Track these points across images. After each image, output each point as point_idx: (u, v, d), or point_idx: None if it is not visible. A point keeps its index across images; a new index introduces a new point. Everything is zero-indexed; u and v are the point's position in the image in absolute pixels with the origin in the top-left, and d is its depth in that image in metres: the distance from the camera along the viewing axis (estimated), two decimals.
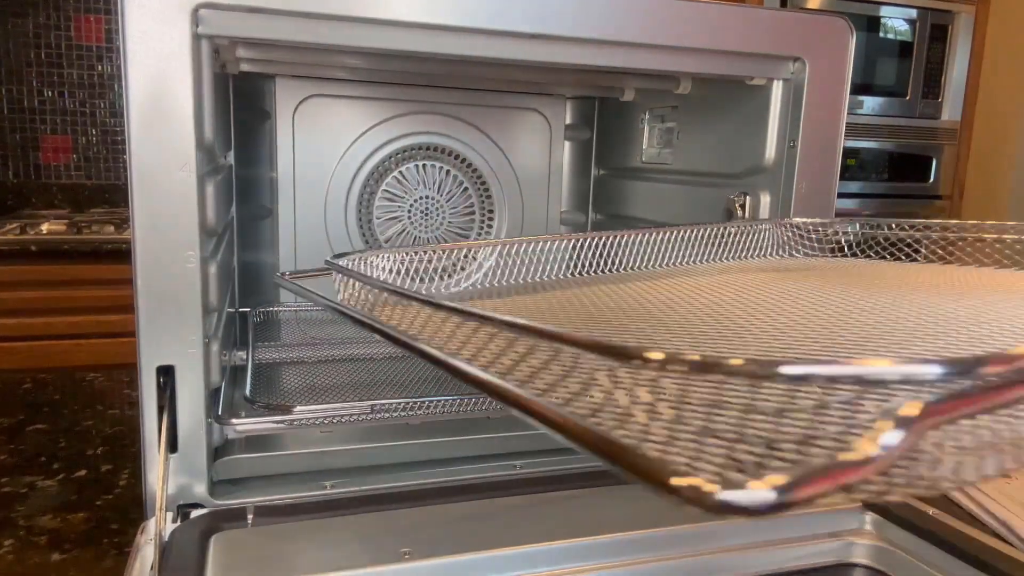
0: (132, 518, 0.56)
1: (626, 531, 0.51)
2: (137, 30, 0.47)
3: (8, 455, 0.68)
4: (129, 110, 0.47)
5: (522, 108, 0.93)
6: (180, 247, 0.49)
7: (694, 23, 0.58)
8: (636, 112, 0.90)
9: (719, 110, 0.75)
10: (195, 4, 0.48)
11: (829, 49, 0.63)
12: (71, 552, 0.52)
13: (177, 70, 0.48)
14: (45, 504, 0.59)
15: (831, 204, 0.65)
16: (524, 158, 0.94)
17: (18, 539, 0.53)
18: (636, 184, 0.91)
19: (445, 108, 0.89)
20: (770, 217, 0.67)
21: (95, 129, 2.18)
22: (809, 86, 0.63)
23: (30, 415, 0.77)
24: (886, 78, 2.23)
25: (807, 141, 0.64)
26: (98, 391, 0.86)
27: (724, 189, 0.72)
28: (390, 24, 0.52)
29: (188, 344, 0.50)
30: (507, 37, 0.55)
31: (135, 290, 0.49)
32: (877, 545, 0.55)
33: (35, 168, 2.15)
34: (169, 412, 0.51)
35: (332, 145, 0.86)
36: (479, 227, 0.94)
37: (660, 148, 0.86)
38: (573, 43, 0.57)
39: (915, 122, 2.28)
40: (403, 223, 0.90)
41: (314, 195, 0.86)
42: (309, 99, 0.84)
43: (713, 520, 0.53)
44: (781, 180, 0.65)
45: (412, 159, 0.89)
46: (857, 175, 2.24)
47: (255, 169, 0.86)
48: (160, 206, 0.49)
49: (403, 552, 0.48)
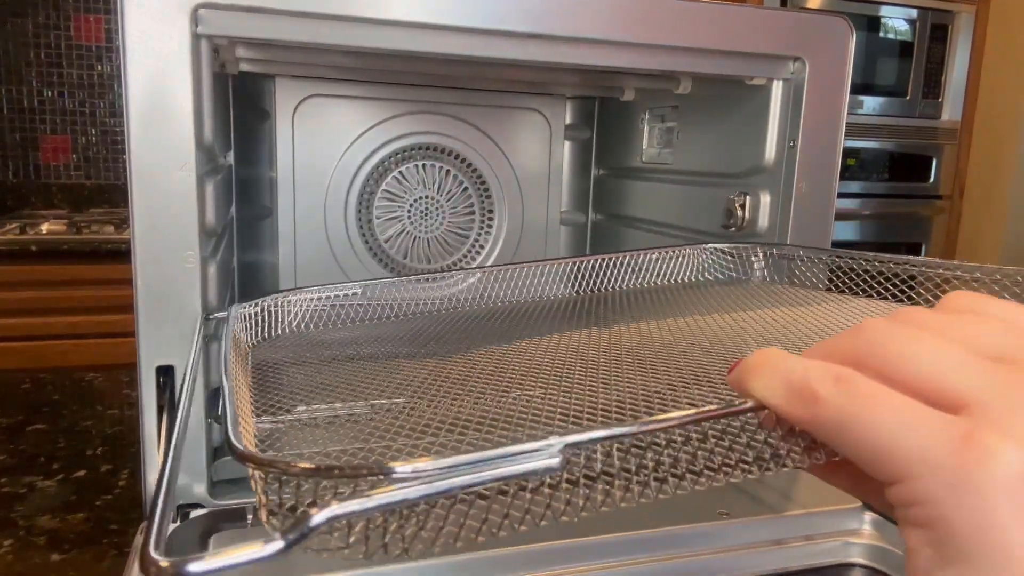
0: (132, 518, 0.56)
1: (626, 531, 0.51)
2: (137, 30, 0.47)
3: (8, 455, 0.67)
4: (129, 110, 0.47)
5: (522, 108, 0.93)
6: (180, 247, 0.49)
7: (694, 23, 0.58)
8: (636, 112, 0.90)
9: (719, 110, 0.75)
10: (195, 4, 0.48)
11: (829, 49, 0.63)
12: (71, 552, 0.52)
13: (176, 70, 0.48)
14: (44, 504, 0.59)
15: (831, 204, 0.65)
16: (524, 158, 0.94)
17: (17, 539, 0.53)
18: (636, 184, 0.91)
19: (445, 108, 0.89)
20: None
21: (95, 129, 2.18)
22: (809, 86, 0.63)
23: (30, 415, 0.77)
24: (886, 78, 2.23)
25: (807, 141, 0.64)
26: (98, 391, 0.86)
27: (724, 189, 0.72)
28: (390, 24, 0.52)
29: (188, 344, 0.50)
30: (507, 37, 0.55)
31: (135, 290, 0.49)
32: (877, 545, 0.55)
33: (35, 168, 2.15)
34: (169, 412, 0.51)
35: (332, 145, 0.86)
36: (479, 227, 0.94)
37: (660, 148, 0.86)
38: (573, 43, 0.57)
39: (915, 122, 2.28)
40: (403, 223, 0.90)
41: (314, 195, 0.86)
42: (309, 99, 0.84)
43: (713, 520, 0.53)
44: (781, 180, 0.65)
45: (412, 159, 0.89)
46: (857, 175, 2.24)
47: (255, 169, 0.86)
48: (160, 206, 0.49)
49: None
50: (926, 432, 0.19)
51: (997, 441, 0.18)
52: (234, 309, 0.51)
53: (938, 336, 0.21)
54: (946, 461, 0.19)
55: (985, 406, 0.19)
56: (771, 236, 0.67)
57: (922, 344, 0.21)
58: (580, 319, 0.55)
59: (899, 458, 0.19)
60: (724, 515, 0.54)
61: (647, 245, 0.88)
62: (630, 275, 0.63)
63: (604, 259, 0.62)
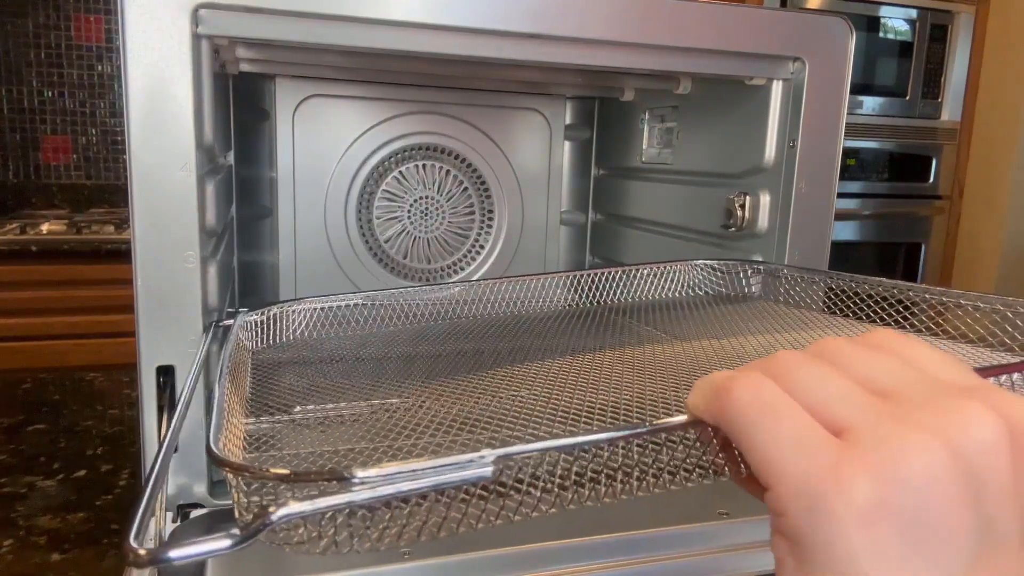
0: None
1: (626, 531, 0.51)
2: (137, 30, 0.47)
3: (8, 455, 0.68)
4: (129, 110, 0.47)
5: (522, 108, 0.93)
6: (180, 247, 0.49)
7: (694, 23, 0.58)
8: (636, 112, 0.90)
9: (719, 110, 0.75)
10: (195, 4, 0.48)
11: (829, 49, 0.63)
12: (71, 552, 0.52)
13: (177, 70, 0.48)
14: (45, 504, 0.59)
15: (831, 204, 0.65)
16: (524, 158, 0.94)
17: (18, 539, 0.53)
18: (636, 184, 0.91)
19: (445, 108, 0.89)
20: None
21: (95, 129, 2.18)
22: (809, 86, 0.63)
23: (30, 415, 0.77)
24: (886, 78, 2.23)
25: (807, 141, 0.64)
26: (98, 391, 0.86)
27: (724, 189, 0.72)
28: (389, 24, 0.52)
29: (188, 344, 0.50)
30: (507, 37, 0.55)
31: (135, 290, 0.49)
32: None
33: (35, 168, 2.15)
34: (168, 412, 0.51)
35: (332, 145, 0.86)
36: (479, 227, 0.94)
37: (660, 148, 0.86)
38: (573, 43, 0.57)
39: (915, 122, 2.28)
40: (403, 223, 0.90)
41: (314, 195, 0.86)
42: (309, 99, 0.84)
43: (713, 520, 0.53)
44: (781, 180, 0.65)
45: (412, 159, 0.89)
46: (857, 175, 2.24)
47: (255, 169, 0.86)
48: (160, 206, 0.49)
49: (403, 552, 0.48)
50: (804, 450, 0.21)
51: (856, 473, 0.20)
52: (240, 318, 0.52)
53: (838, 369, 0.23)
54: (811, 482, 0.20)
55: (858, 436, 0.21)
56: (771, 236, 0.67)
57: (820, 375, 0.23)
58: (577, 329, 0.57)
59: (776, 468, 0.21)
60: (724, 515, 0.54)
61: (647, 245, 0.88)
62: (624, 289, 0.65)
63: (599, 273, 0.65)
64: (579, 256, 1.02)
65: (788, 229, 0.65)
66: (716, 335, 0.50)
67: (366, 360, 0.52)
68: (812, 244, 0.65)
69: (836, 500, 0.20)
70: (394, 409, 0.39)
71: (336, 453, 0.34)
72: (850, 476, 0.20)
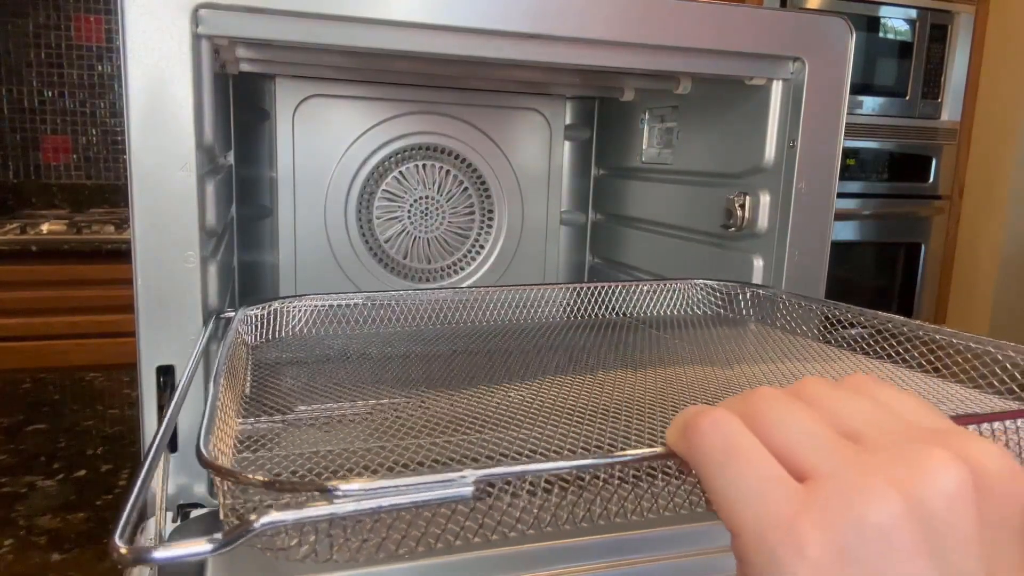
0: None
1: (626, 531, 0.51)
2: (137, 30, 0.47)
3: (8, 455, 0.68)
4: (129, 110, 0.47)
5: (522, 108, 0.93)
6: (180, 247, 0.49)
7: (694, 23, 0.58)
8: (636, 112, 0.90)
9: (719, 110, 0.75)
10: (195, 4, 0.48)
11: (829, 49, 0.63)
12: (71, 552, 0.52)
13: (177, 70, 0.48)
14: (45, 504, 0.59)
15: (831, 204, 0.65)
16: (524, 158, 0.94)
17: (18, 539, 0.53)
18: (636, 184, 0.91)
19: (445, 108, 0.89)
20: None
21: (95, 129, 2.18)
22: (809, 86, 0.63)
23: (30, 415, 0.78)
24: (886, 78, 2.23)
25: (807, 141, 0.64)
26: (98, 391, 0.86)
27: (724, 189, 0.72)
28: (389, 24, 0.52)
29: (188, 344, 0.50)
30: (507, 37, 0.55)
31: (135, 290, 0.49)
32: None
33: (35, 168, 2.15)
34: None
35: (332, 145, 0.86)
36: (479, 227, 0.94)
37: (660, 148, 0.86)
38: (573, 43, 0.57)
39: (915, 122, 2.28)
40: (403, 223, 0.90)
41: (314, 195, 0.86)
42: (309, 99, 0.84)
43: (713, 520, 0.53)
44: (781, 180, 0.66)
45: (412, 159, 0.89)
46: (857, 175, 2.24)
47: (255, 169, 0.86)
48: (160, 206, 0.49)
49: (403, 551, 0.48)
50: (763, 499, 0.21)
51: (811, 527, 0.20)
52: (240, 312, 0.52)
53: (814, 410, 0.23)
54: (767, 535, 0.20)
55: (819, 483, 0.21)
56: (771, 236, 0.67)
57: (794, 415, 0.23)
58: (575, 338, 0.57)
59: (737, 517, 0.22)
60: None
61: (647, 245, 0.88)
62: (624, 304, 0.65)
63: (600, 287, 0.65)
64: (579, 256, 1.02)
65: (788, 229, 0.65)
66: (710, 361, 0.50)
67: (366, 360, 0.52)
68: (812, 244, 0.65)
69: (791, 555, 0.20)
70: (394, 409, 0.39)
71: (332, 453, 0.34)
72: (804, 530, 0.20)
